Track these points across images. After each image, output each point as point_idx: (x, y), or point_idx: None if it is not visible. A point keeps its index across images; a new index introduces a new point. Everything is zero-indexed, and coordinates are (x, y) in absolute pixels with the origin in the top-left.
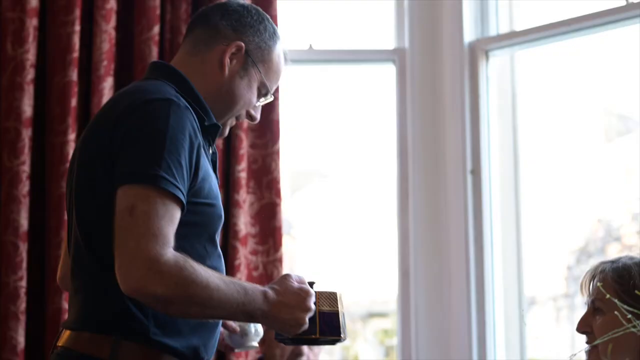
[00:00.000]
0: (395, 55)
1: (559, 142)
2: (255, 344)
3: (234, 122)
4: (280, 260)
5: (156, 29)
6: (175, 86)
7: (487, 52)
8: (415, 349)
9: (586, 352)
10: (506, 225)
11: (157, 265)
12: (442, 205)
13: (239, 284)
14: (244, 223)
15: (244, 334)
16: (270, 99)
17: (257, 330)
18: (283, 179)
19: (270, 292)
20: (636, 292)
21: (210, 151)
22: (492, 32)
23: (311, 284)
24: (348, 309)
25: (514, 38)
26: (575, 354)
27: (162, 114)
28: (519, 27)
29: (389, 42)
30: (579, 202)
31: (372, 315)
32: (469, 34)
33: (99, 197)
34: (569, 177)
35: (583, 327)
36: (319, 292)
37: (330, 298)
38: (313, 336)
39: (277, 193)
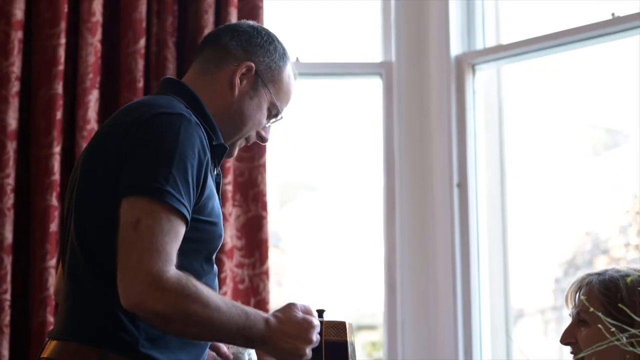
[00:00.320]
0: (382, 69)
1: (545, 156)
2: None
3: (243, 143)
4: (266, 273)
5: (142, 42)
6: (185, 103)
7: (473, 65)
8: (401, 359)
9: None
10: (493, 238)
11: (159, 282)
12: (429, 218)
13: (240, 307)
14: (230, 236)
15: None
16: (280, 119)
17: (250, 358)
18: (270, 192)
19: (273, 320)
20: (619, 305)
21: (215, 172)
22: (479, 45)
23: (320, 312)
24: None
25: (500, 52)
26: None
27: (172, 127)
28: (505, 41)
29: (375, 56)
30: (567, 215)
31: (360, 327)
32: (456, 48)
33: (102, 206)
34: (556, 190)
35: (567, 338)
36: (326, 321)
37: (338, 327)
38: None
39: (264, 206)
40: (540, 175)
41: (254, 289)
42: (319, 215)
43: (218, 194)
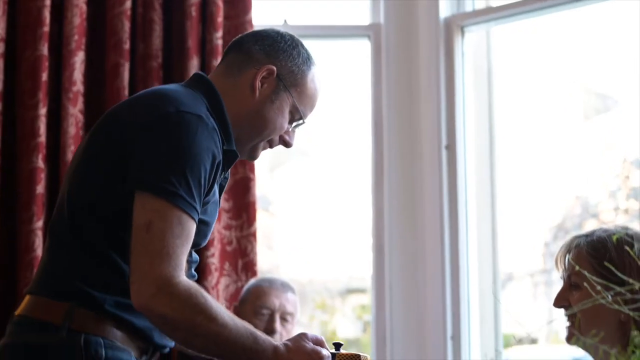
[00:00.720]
0: (370, 31)
1: (535, 119)
2: None
3: (266, 147)
4: (254, 235)
5: (128, 4)
6: (208, 103)
7: (462, 27)
8: (389, 323)
9: (566, 327)
10: (481, 201)
11: (169, 286)
12: (417, 180)
13: (250, 330)
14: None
15: None
16: (303, 124)
17: None
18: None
19: (282, 348)
20: (605, 263)
21: (222, 176)
22: (468, 7)
23: (338, 345)
24: (327, 286)
25: (490, 14)
26: (551, 321)
27: (191, 128)
28: (495, 3)
29: (364, 18)
30: (557, 179)
31: (350, 291)
32: (445, 10)
33: (102, 183)
34: (547, 154)
35: (560, 301)
36: (341, 354)
37: None
38: None
39: (251, 168)
40: (529, 139)
41: (241, 250)
42: (310, 179)
43: (220, 194)
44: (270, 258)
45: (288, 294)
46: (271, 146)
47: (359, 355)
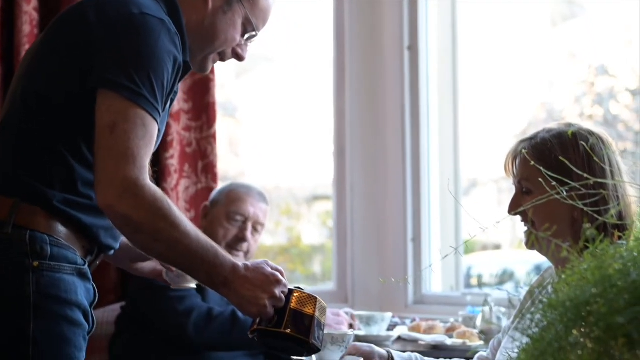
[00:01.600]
0: None
1: (502, 24)
2: (193, 285)
3: (217, 59)
4: (214, 137)
5: None
6: (167, 10)
7: None
8: (350, 225)
9: (524, 232)
10: (443, 104)
11: (134, 188)
12: (379, 81)
13: (211, 244)
14: (176, 99)
15: (180, 274)
16: (256, 36)
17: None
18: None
19: (241, 266)
20: (560, 158)
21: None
22: None
23: (297, 287)
24: (293, 193)
25: None
26: (499, 222)
27: (155, 31)
28: None
29: None
30: (522, 84)
31: (316, 198)
32: None
33: (60, 76)
34: (512, 60)
35: (514, 208)
36: (299, 291)
37: (308, 300)
38: (278, 330)
39: (212, 69)
40: (495, 43)
41: (201, 152)
42: (275, 86)
43: (169, 108)
44: (236, 165)
45: (262, 204)
46: (222, 59)
47: (317, 298)
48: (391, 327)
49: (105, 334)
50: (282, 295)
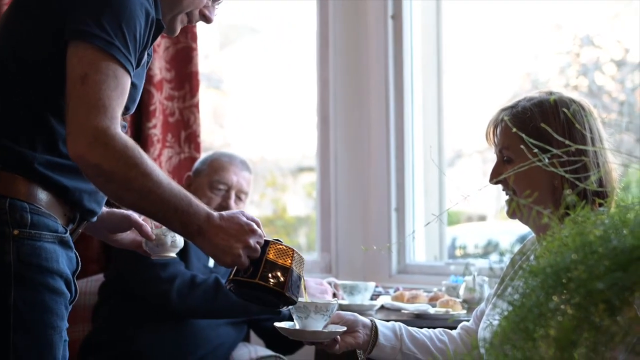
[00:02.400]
0: None
1: None
2: (173, 254)
3: (185, 20)
4: (196, 106)
5: None
6: None
7: None
8: (334, 194)
9: (506, 202)
10: (427, 73)
11: (105, 137)
12: (363, 50)
13: (184, 193)
14: (158, 68)
15: (160, 244)
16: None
17: (174, 241)
18: (206, 31)
19: (215, 215)
20: (541, 125)
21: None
22: None
23: (277, 240)
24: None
25: None
26: (479, 189)
27: None
28: None
29: None
30: (507, 55)
31: (302, 169)
32: None
33: (31, 34)
34: (497, 30)
35: (495, 176)
36: (277, 243)
37: (284, 252)
38: (252, 280)
39: (194, 37)
40: (479, 13)
41: (184, 122)
42: (261, 57)
43: (146, 67)
44: (222, 136)
45: (245, 172)
46: (191, 21)
47: (294, 250)
48: (374, 297)
49: (89, 303)
50: (257, 246)
